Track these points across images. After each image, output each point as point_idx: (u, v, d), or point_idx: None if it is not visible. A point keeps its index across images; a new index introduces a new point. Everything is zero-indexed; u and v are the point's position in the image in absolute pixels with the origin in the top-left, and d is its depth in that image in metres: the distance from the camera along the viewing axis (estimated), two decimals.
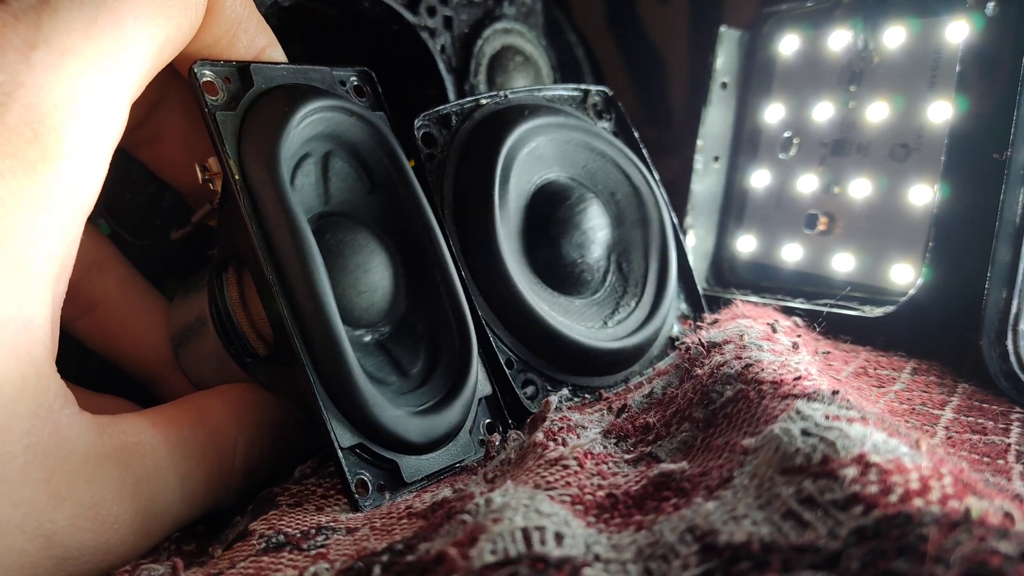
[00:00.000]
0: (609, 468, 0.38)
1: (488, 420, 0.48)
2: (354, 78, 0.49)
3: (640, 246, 0.58)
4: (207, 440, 0.41)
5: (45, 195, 0.34)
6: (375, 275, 0.45)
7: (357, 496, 0.40)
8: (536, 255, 0.54)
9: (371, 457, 0.41)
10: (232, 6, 0.43)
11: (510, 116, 0.54)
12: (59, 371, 0.37)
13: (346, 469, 0.40)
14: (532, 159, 0.55)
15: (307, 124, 0.44)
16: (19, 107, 0.33)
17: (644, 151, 0.61)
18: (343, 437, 0.40)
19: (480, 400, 0.47)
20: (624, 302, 0.57)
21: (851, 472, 0.29)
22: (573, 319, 0.53)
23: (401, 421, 0.42)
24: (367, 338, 0.45)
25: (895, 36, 0.63)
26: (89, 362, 0.52)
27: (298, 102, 0.43)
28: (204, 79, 0.42)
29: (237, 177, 0.41)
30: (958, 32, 0.58)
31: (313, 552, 0.35)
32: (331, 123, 0.45)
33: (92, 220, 0.44)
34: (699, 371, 0.45)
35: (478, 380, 0.47)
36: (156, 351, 0.50)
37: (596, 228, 0.55)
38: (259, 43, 0.45)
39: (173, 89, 0.46)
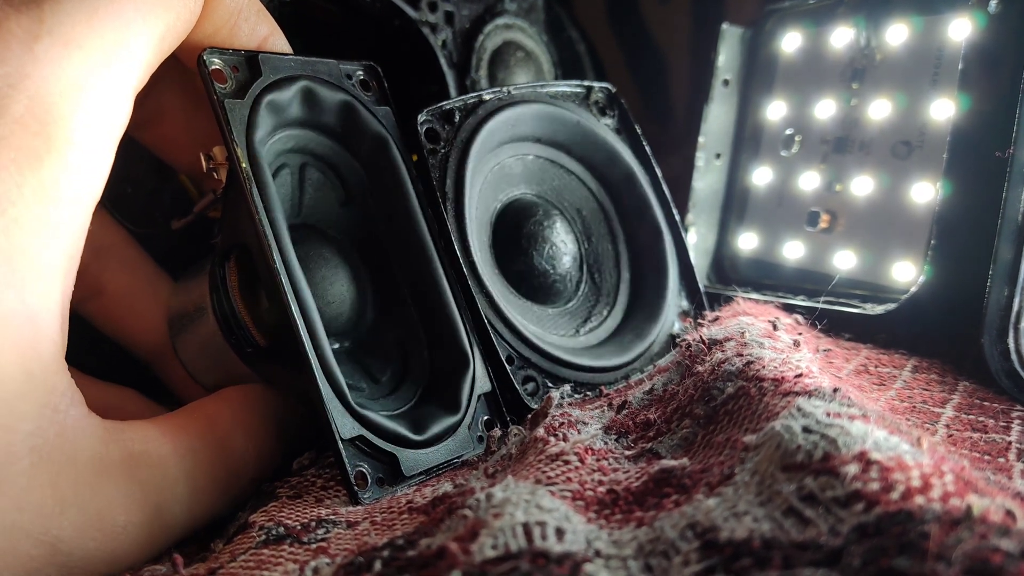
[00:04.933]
0: (610, 464, 0.38)
1: (487, 417, 0.48)
2: (360, 72, 0.49)
3: (611, 258, 0.59)
4: (216, 450, 0.41)
5: (52, 186, 0.34)
6: (340, 287, 0.46)
7: (356, 488, 0.40)
8: (509, 266, 0.55)
9: (371, 450, 0.42)
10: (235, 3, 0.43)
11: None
12: (67, 357, 0.36)
13: (346, 461, 0.40)
14: (499, 176, 0.55)
15: (280, 138, 0.44)
16: (24, 98, 0.33)
17: (647, 148, 0.61)
18: (344, 428, 0.41)
19: (479, 397, 0.48)
20: (596, 311, 0.58)
21: (852, 469, 0.29)
22: (547, 328, 0.54)
23: (377, 420, 0.42)
24: (335, 346, 0.46)
25: (897, 33, 0.63)
26: (97, 349, 0.52)
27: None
28: (213, 67, 0.42)
29: (244, 165, 0.41)
30: (961, 30, 0.58)
31: (314, 545, 0.35)
32: (302, 139, 0.46)
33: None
34: (700, 368, 0.44)
35: (476, 377, 0.47)
36: (163, 333, 0.50)
37: (565, 242, 0.56)
38: (261, 32, 0.45)
39: (171, 68, 0.45)
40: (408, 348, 0.48)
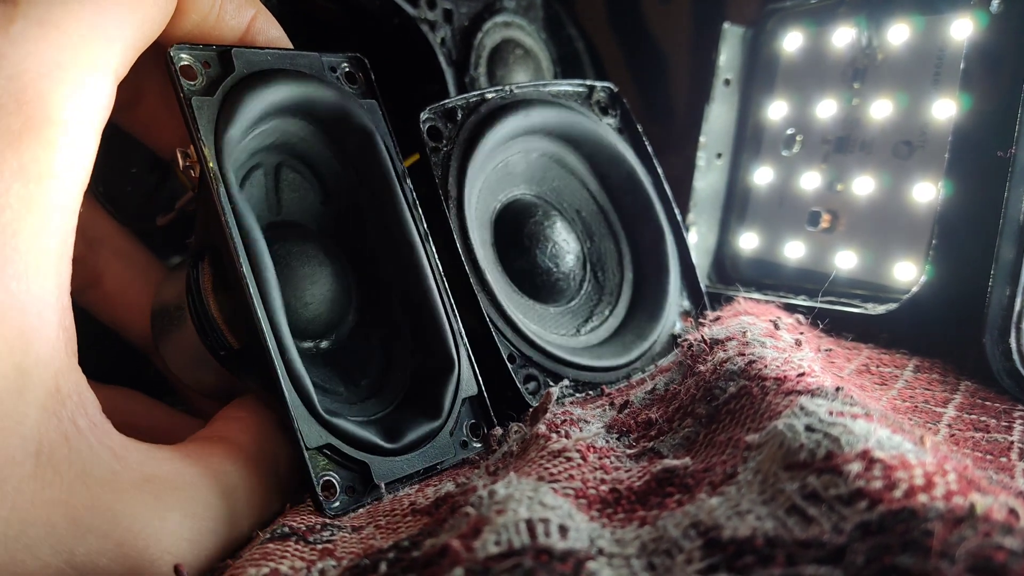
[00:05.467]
0: (612, 463, 0.38)
1: (473, 421, 0.47)
2: (345, 64, 0.48)
3: (614, 257, 0.59)
4: (244, 470, 0.39)
5: (32, 165, 0.33)
6: (322, 287, 0.45)
7: (322, 499, 0.39)
8: (511, 264, 0.55)
9: (340, 458, 0.40)
10: None
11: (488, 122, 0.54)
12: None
13: (311, 470, 0.39)
14: (501, 175, 0.55)
15: (255, 136, 0.43)
16: (1, 78, 0.33)
17: (649, 147, 0.61)
18: (311, 437, 0.39)
19: (464, 401, 0.46)
20: (598, 311, 0.58)
21: (855, 468, 0.29)
22: (547, 327, 0.54)
23: (348, 428, 0.41)
24: (311, 350, 0.45)
25: (899, 33, 0.63)
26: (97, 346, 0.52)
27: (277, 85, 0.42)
28: (181, 63, 0.41)
29: (211, 164, 0.40)
30: (962, 29, 0.58)
31: (319, 546, 0.35)
32: (282, 135, 0.44)
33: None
34: (702, 367, 0.44)
35: (461, 380, 0.46)
36: None
37: (567, 240, 0.57)
38: (247, 14, 0.44)
39: (149, 50, 0.44)
40: (392, 350, 0.47)
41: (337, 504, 0.39)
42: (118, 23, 0.37)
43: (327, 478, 0.39)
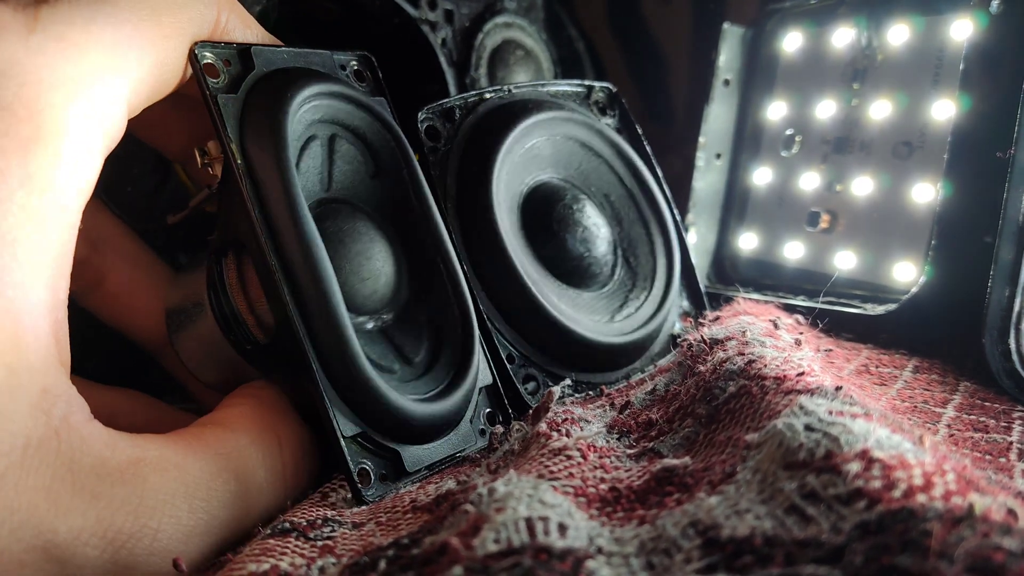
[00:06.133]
0: (612, 462, 0.38)
1: (488, 409, 0.48)
2: (354, 63, 0.49)
3: (645, 243, 0.58)
4: (229, 462, 0.39)
5: (39, 175, 0.33)
6: (377, 262, 0.45)
7: (360, 486, 0.40)
8: (540, 250, 0.54)
9: (373, 446, 0.41)
10: (244, 38, 0.43)
11: (513, 111, 0.54)
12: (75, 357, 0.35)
13: (348, 458, 0.40)
14: (528, 158, 0.55)
15: (311, 107, 0.44)
16: (14, 86, 0.33)
17: (647, 147, 0.61)
18: (346, 426, 0.40)
19: (481, 389, 0.47)
20: (633, 295, 0.57)
21: (854, 467, 0.29)
22: (581, 312, 0.53)
23: (406, 408, 0.41)
24: (369, 325, 0.45)
25: (899, 34, 0.63)
26: (99, 350, 0.52)
27: (301, 84, 0.43)
28: (205, 61, 0.41)
29: (239, 161, 0.41)
30: (962, 30, 0.58)
31: (320, 543, 0.35)
32: (334, 108, 0.45)
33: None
34: (702, 367, 0.44)
35: (479, 369, 0.47)
36: (164, 324, 0.50)
37: (598, 225, 0.56)
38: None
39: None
40: (441, 327, 0.47)
41: (372, 491, 0.40)
42: (137, 58, 0.37)
43: (362, 466, 0.41)
